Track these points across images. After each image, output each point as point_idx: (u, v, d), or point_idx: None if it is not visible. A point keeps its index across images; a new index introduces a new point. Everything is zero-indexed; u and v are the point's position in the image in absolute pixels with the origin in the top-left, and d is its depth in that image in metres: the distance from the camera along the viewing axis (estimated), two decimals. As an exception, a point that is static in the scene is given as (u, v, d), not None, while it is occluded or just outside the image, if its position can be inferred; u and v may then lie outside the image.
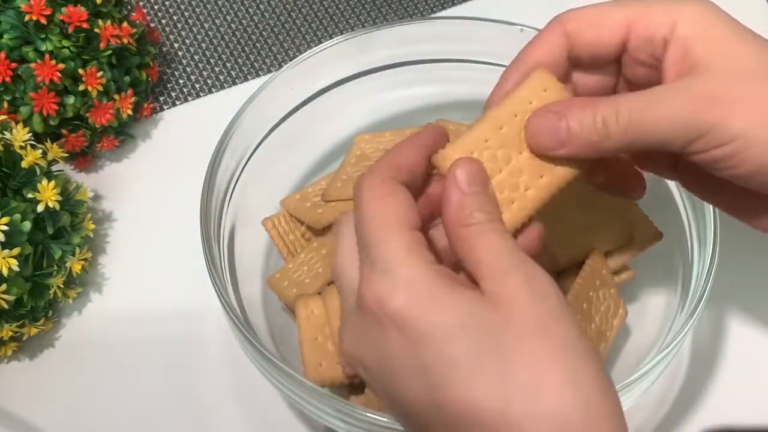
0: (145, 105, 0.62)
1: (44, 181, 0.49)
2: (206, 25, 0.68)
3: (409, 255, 0.32)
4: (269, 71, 0.65)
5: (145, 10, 0.66)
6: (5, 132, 0.50)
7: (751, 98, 0.34)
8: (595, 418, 0.30)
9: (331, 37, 0.66)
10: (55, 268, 0.50)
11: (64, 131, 0.57)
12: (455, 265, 0.34)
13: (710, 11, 0.36)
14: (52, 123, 0.55)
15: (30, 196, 0.49)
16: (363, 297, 0.32)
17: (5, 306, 0.47)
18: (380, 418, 0.39)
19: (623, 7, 0.37)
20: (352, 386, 0.45)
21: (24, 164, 0.49)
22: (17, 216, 0.48)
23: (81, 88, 0.55)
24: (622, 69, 0.39)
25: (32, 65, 0.54)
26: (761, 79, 0.35)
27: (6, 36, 0.54)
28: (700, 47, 0.36)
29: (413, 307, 0.31)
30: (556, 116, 0.35)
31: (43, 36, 0.54)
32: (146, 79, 0.61)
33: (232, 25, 0.68)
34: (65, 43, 0.55)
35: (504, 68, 0.54)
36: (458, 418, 0.30)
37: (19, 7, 0.54)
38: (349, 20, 0.68)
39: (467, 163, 0.35)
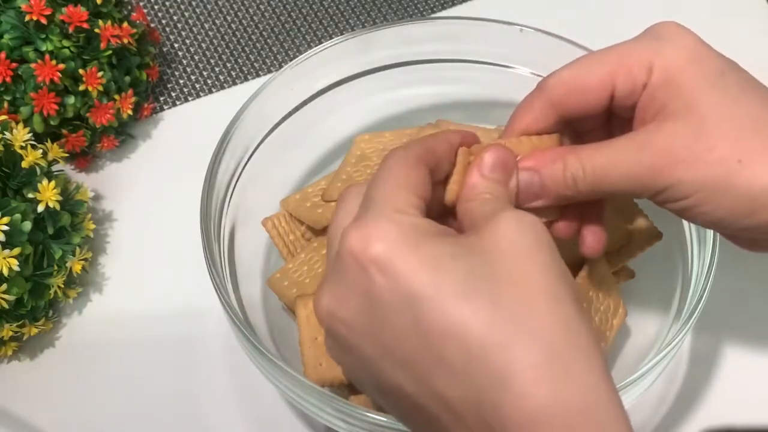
0: (146, 105, 0.62)
1: (44, 181, 0.49)
2: (206, 25, 0.68)
3: (407, 206, 0.33)
4: (269, 71, 0.65)
5: (145, 10, 0.66)
6: (5, 132, 0.50)
7: (709, 153, 0.35)
8: (576, 339, 0.30)
9: (331, 37, 0.66)
10: (56, 268, 0.50)
11: (64, 131, 0.57)
12: None
13: (687, 53, 0.36)
14: (52, 123, 0.55)
15: (30, 196, 0.49)
16: (346, 242, 0.31)
17: (5, 306, 0.47)
18: (380, 418, 0.39)
19: (604, 59, 0.37)
20: (352, 386, 0.45)
21: (24, 164, 0.49)
22: (17, 216, 0.48)
23: (81, 88, 0.55)
24: (613, 110, 0.39)
25: (32, 65, 0.54)
26: (721, 133, 0.35)
27: (6, 36, 0.54)
28: (667, 95, 0.36)
29: (401, 246, 0.31)
30: (529, 173, 0.37)
31: (44, 36, 0.54)
32: (146, 79, 0.61)
33: (232, 25, 0.68)
34: (65, 43, 0.55)
35: (504, 68, 0.55)
36: (446, 344, 0.29)
37: (20, 7, 0.54)
38: (349, 20, 0.68)
39: (497, 150, 0.36)
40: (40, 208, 0.49)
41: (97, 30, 0.56)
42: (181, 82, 0.65)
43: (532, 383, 0.29)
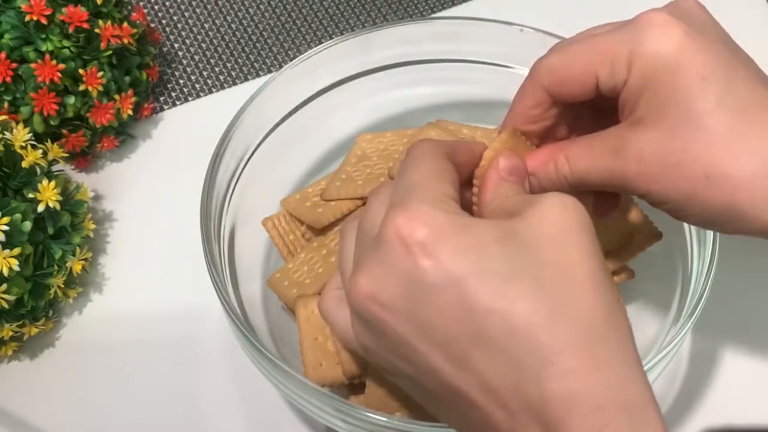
0: (146, 105, 0.62)
1: (45, 181, 0.50)
2: (206, 25, 0.68)
3: (447, 195, 0.33)
4: (269, 71, 0.65)
5: (145, 10, 0.66)
6: (6, 132, 0.50)
7: (676, 168, 0.34)
8: (615, 322, 0.31)
9: (331, 37, 0.66)
10: (56, 268, 0.50)
11: (64, 131, 0.57)
12: None
13: (668, 53, 0.34)
14: (52, 123, 0.55)
15: (30, 196, 0.49)
16: (392, 225, 0.31)
17: (6, 306, 0.47)
18: (380, 418, 0.39)
19: (587, 50, 0.37)
20: (352, 386, 0.45)
21: (24, 164, 0.49)
22: (18, 216, 0.48)
23: (81, 88, 0.55)
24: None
25: (33, 65, 0.54)
26: (691, 146, 0.34)
27: (6, 36, 0.54)
28: (643, 97, 0.35)
29: (446, 230, 0.31)
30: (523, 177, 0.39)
31: (44, 36, 0.54)
32: (146, 79, 0.61)
33: (232, 25, 0.68)
34: (66, 43, 0.55)
35: (504, 68, 0.55)
36: (490, 322, 0.30)
37: (20, 8, 0.54)
38: (349, 20, 0.68)
39: (510, 157, 0.38)
40: (40, 208, 0.49)
41: (97, 30, 0.56)
42: (181, 82, 0.65)
43: (576, 362, 0.29)
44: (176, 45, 0.67)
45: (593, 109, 0.40)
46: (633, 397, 0.30)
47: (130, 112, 0.58)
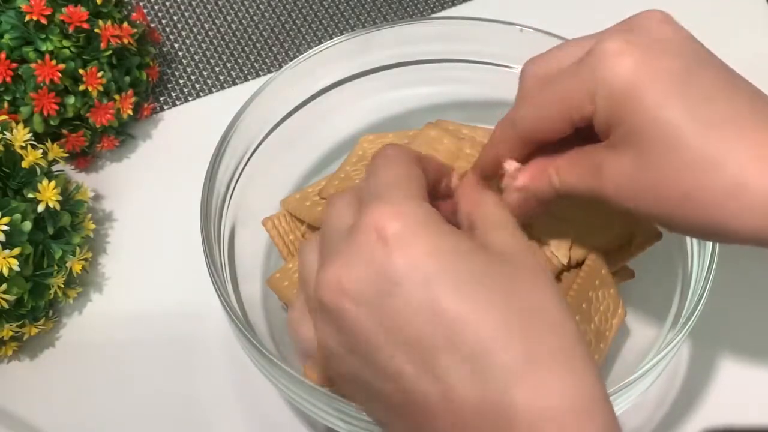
0: (146, 105, 0.62)
1: (45, 181, 0.50)
2: (206, 25, 0.68)
3: (423, 195, 0.34)
4: (269, 71, 0.65)
5: (145, 10, 0.66)
6: (6, 132, 0.50)
7: (646, 192, 0.35)
8: (579, 334, 0.31)
9: (331, 37, 0.66)
10: (56, 268, 0.50)
11: (64, 131, 0.57)
12: None
13: (625, 82, 0.34)
14: (52, 123, 0.55)
15: (30, 196, 0.49)
16: (369, 217, 0.31)
17: (6, 306, 0.47)
18: (380, 418, 0.39)
19: (552, 101, 0.37)
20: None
21: (24, 164, 0.49)
22: (17, 216, 0.48)
23: (81, 88, 0.55)
24: None
25: (33, 65, 0.54)
26: (658, 173, 0.34)
27: (6, 36, 0.54)
28: (611, 123, 0.35)
29: (424, 227, 0.31)
30: (523, 192, 0.40)
31: (44, 36, 0.54)
32: (146, 79, 0.61)
33: (232, 25, 0.68)
34: (65, 43, 0.55)
35: (504, 68, 0.55)
36: (460, 328, 0.30)
37: (20, 8, 0.54)
38: (349, 20, 0.68)
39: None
40: (40, 208, 0.49)
41: (97, 30, 0.56)
42: (181, 82, 0.65)
43: (548, 376, 0.29)
44: (176, 45, 0.67)
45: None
46: (596, 411, 0.30)
47: (130, 112, 0.58)
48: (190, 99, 0.64)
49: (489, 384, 0.29)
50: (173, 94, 0.64)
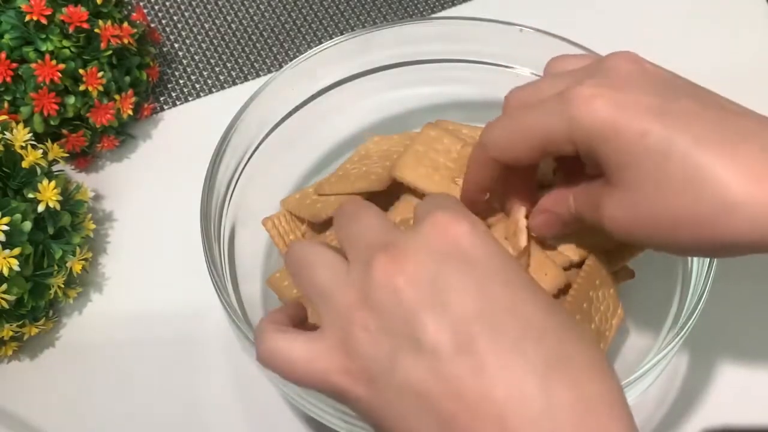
0: (146, 105, 0.62)
1: (45, 181, 0.50)
2: (206, 25, 0.68)
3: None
4: (269, 71, 0.65)
5: (145, 10, 0.66)
6: (6, 132, 0.50)
7: (636, 223, 0.37)
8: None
9: (331, 37, 0.66)
10: (56, 268, 0.50)
11: (64, 131, 0.57)
12: None
13: (600, 126, 0.36)
14: (52, 123, 0.55)
15: (30, 196, 0.49)
16: (429, 222, 0.34)
17: (6, 306, 0.47)
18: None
19: (524, 132, 0.39)
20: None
21: (24, 164, 0.49)
22: (18, 216, 0.48)
23: (81, 88, 0.55)
24: None
25: (33, 65, 0.54)
26: (642, 209, 0.36)
27: (6, 36, 0.54)
28: (597, 162, 0.37)
29: (480, 233, 0.34)
30: (547, 214, 0.43)
31: (44, 36, 0.54)
32: (146, 79, 0.61)
33: (232, 25, 0.68)
34: (66, 43, 0.55)
35: (504, 68, 0.55)
36: (505, 321, 0.31)
37: (20, 8, 0.54)
38: (349, 20, 0.68)
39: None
40: (41, 208, 0.49)
41: (97, 30, 0.56)
42: (181, 82, 0.65)
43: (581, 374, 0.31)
44: (176, 45, 0.67)
45: None
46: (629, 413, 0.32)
47: (130, 112, 0.58)
48: (190, 99, 0.64)
49: (526, 374, 0.30)
50: (173, 94, 0.64)
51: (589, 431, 0.29)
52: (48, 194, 0.49)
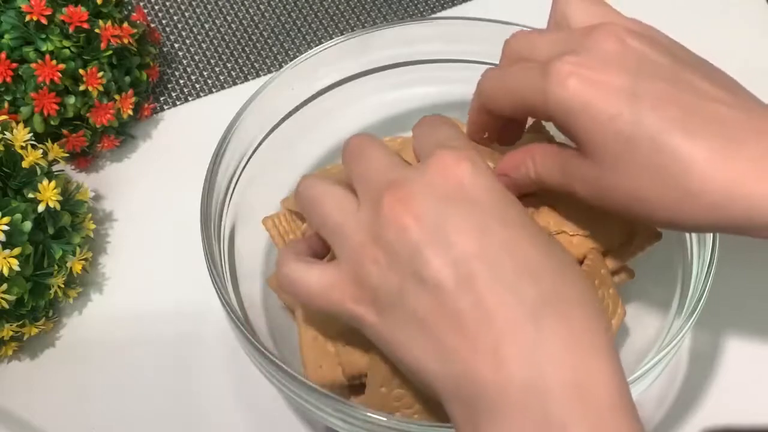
0: (146, 105, 0.62)
1: (45, 181, 0.50)
2: (206, 25, 0.68)
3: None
4: (269, 71, 0.65)
5: (145, 10, 0.66)
6: (6, 132, 0.50)
7: (612, 192, 0.37)
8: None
9: (331, 37, 0.66)
10: (56, 267, 0.50)
11: (64, 131, 0.57)
12: None
13: (576, 99, 0.36)
14: (52, 123, 0.55)
15: (31, 196, 0.49)
16: (434, 162, 0.36)
17: (6, 306, 0.47)
18: (380, 417, 0.39)
19: (507, 90, 0.40)
20: (352, 386, 0.45)
21: (24, 164, 0.49)
22: (18, 216, 0.48)
23: (81, 88, 0.55)
24: None
25: (33, 65, 0.54)
26: (619, 175, 0.37)
27: (6, 36, 0.54)
28: (572, 131, 0.37)
29: (483, 172, 0.36)
30: (505, 178, 0.42)
31: (44, 36, 0.55)
32: (147, 79, 0.61)
33: (233, 25, 0.68)
34: (66, 43, 0.55)
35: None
36: (504, 258, 0.34)
37: (20, 8, 0.54)
38: (349, 20, 0.68)
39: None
40: (41, 208, 0.49)
41: (97, 30, 0.56)
42: (181, 82, 0.65)
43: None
44: (176, 45, 0.67)
45: None
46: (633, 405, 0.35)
47: (130, 112, 0.58)
48: (190, 99, 0.64)
49: (519, 306, 0.32)
50: (173, 94, 0.64)
51: (573, 363, 0.32)
52: (48, 194, 0.49)
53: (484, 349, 0.32)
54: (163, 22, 0.68)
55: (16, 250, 0.47)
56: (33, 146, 0.50)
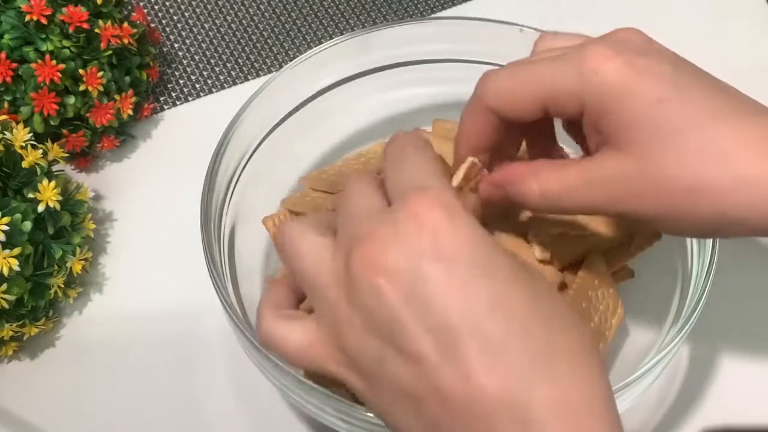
0: (146, 105, 0.62)
1: (45, 181, 0.50)
2: (206, 25, 0.68)
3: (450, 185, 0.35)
4: (269, 71, 0.65)
5: (145, 10, 0.66)
6: (6, 132, 0.50)
7: (655, 187, 0.35)
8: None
9: (331, 37, 0.66)
10: (56, 267, 0.50)
11: (64, 131, 0.57)
12: None
13: (617, 85, 0.35)
14: (52, 123, 0.55)
15: (30, 196, 0.49)
16: (405, 208, 0.32)
17: (6, 306, 0.47)
18: (380, 417, 0.39)
19: (531, 79, 0.37)
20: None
21: (24, 164, 0.49)
22: (18, 216, 0.48)
23: (81, 88, 0.55)
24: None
25: (33, 65, 0.54)
26: (666, 164, 0.34)
27: (6, 36, 0.54)
28: (607, 128, 0.35)
29: (459, 221, 0.31)
30: (494, 188, 0.39)
31: (44, 36, 0.55)
32: (147, 79, 0.61)
33: (232, 25, 0.68)
34: (66, 43, 0.55)
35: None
36: (492, 322, 0.30)
37: (20, 8, 0.54)
38: (349, 20, 0.68)
39: (471, 199, 0.39)
40: (41, 208, 0.49)
41: (97, 30, 0.56)
42: (181, 82, 0.65)
43: (566, 375, 0.30)
44: (176, 45, 0.67)
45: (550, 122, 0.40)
46: (616, 414, 0.31)
47: (130, 112, 0.58)
48: (190, 99, 0.64)
49: (511, 375, 0.29)
50: (173, 94, 0.64)
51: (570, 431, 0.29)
52: (48, 194, 0.49)
53: (475, 426, 0.29)
54: (163, 22, 0.68)
55: (16, 250, 0.47)
56: (33, 146, 0.50)
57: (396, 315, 0.30)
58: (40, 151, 0.51)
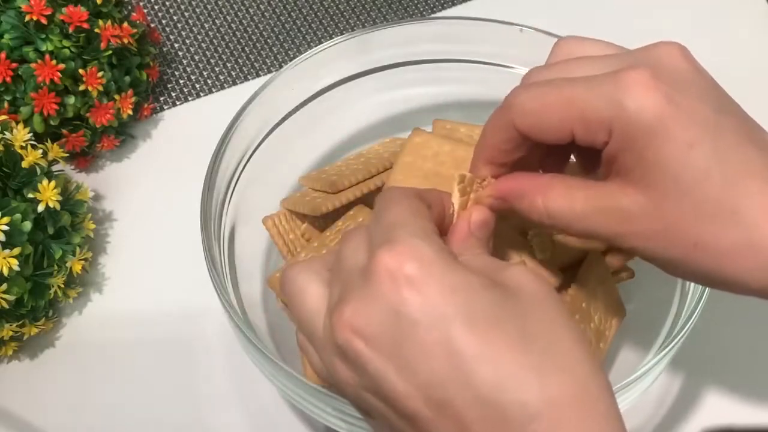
0: (146, 105, 0.62)
1: (45, 181, 0.50)
2: (206, 25, 0.68)
3: (430, 231, 0.33)
4: (269, 71, 0.65)
5: (145, 10, 0.66)
6: (6, 132, 0.50)
7: (665, 233, 0.34)
8: (600, 377, 0.31)
9: (331, 37, 0.66)
10: (56, 267, 0.50)
11: (64, 131, 0.57)
12: None
13: (651, 119, 0.33)
14: (52, 123, 0.55)
15: (30, 196, 0.49)
16: (380, 260, 0.31)
17: (6, 306, 0.47)
18: (380, 417, 0.39)
19: (562, 103, 0.35)
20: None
21: (24, 164, 0.49)
22: (18, 216, 0.48)
23: (81, 88, 0.55)
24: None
25: (33, 65, 0.54)
26: (679, 213, 0.33)
27: (6, 36, 0.54)
28: (629, 161, 0.34)
29: (435, 267, 0.31)
30: (497, 201, 0.38)
31: (44, 36, 0.55)
32: (146, 79, 0.61)
33: (232, 25, 0.68)
34: (65, 43, 0.55)
35: (504, 68, 0.55)
36: (477, 368, 0.29)
37: (20, 8, 0.54)
38: (349, 20, 0.68)
39: (483, 211, 0.38)
40: (41, 208, 0.49)
41: (97, 30, 0.56)
42: (181, 82, 0.65)
43: (565, 417, 0.29)
44: (176, 45, 0.67)
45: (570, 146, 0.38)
46: None
47: (130, 112, 0.58)
48: (190, 99, 0.64)
49: (508, 425, 0.29)
50: (173, 94, 0.64)
51: None
52: (48, 194, 0.49)
53: None
54: (163, 22, 0.68)
55: (16, 250, 0.47)
56: (33, 146, 0.50)
57: (382, 378, 0.30)
58: (40, 151, 0.51)
